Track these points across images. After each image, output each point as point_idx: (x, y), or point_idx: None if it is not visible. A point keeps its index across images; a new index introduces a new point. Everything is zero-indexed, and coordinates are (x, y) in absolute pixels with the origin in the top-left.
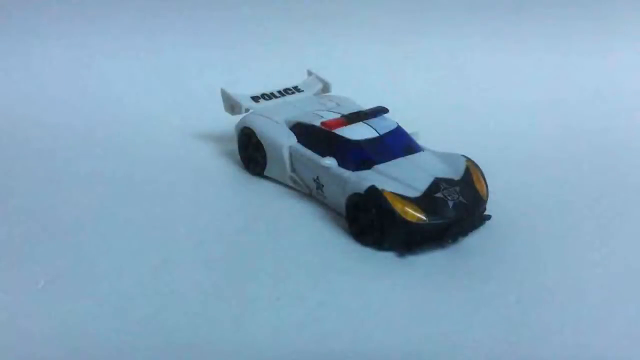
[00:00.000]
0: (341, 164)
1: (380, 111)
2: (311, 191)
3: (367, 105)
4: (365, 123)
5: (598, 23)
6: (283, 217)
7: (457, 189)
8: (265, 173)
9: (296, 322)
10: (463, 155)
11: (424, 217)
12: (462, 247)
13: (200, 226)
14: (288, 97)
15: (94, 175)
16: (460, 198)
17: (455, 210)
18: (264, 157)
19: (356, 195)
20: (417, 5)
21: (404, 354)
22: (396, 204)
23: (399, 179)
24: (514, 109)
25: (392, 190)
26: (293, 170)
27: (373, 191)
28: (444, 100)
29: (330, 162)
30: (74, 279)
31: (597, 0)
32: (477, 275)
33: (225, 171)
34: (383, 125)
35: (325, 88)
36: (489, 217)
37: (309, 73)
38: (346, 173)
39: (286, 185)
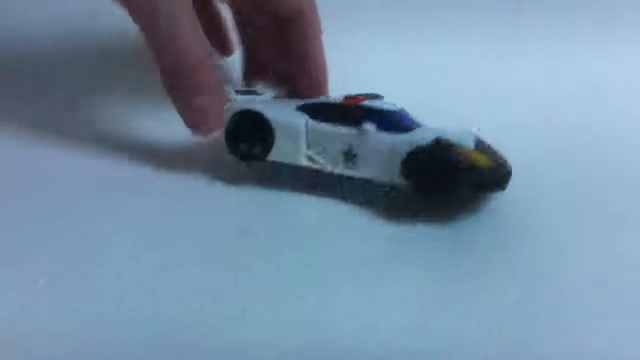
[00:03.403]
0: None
1: (377, 96)
2: (333, 167)
3: None
4: (378, 100)
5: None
6: (283, 217)
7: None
8: (270, 157)
9: (296, 322)
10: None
11: (492, 162)
12: (462, 246)
13: (200, 226)
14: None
15: (94, 174)
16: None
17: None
18: (268, 140)
19: (420, 148)
20: (416, 3)
21: (403, 353)
22: (464, 150)
23: (449, 137)
24: (514, 107)
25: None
26: (308, 147)
27: (440, 141)
28: (443, 97)
29: (371, 126)
30: (74, 279)
31: None
32: (478, 275)
33: (225, 171)
34: (391, 104)
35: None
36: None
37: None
38: (391, 134)
39: (287, 184)
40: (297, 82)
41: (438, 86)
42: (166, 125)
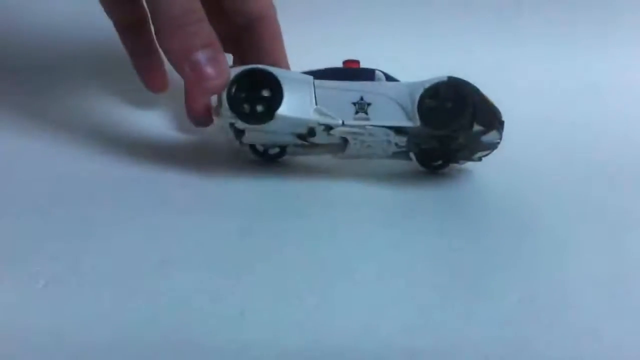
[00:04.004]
0: None
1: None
2: (344, 119)
3: None
4: None
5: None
6: (284, 217)
7: None
8: (280, 112)
9: (296, 322)
10: None
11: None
12: (462, 245)
13: (201, 226)
14: None
15: (94, 174)
16: None
17: None
18: (276, 96)
19: (436, 85)
20: (416, 4)
21: (403, 353)
22: (475, 87)
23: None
24: (514, 107)
25: None
26: (317, 103)
27: (454, 79)
28: None
29: (382, 75)
30: (74, 278)
31: None
32: (478, 275)
33: (225, 170)
34: None
35: None
36: None
37: None
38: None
39: (287, 182)
40: None
41: None
42: (167, 123)
